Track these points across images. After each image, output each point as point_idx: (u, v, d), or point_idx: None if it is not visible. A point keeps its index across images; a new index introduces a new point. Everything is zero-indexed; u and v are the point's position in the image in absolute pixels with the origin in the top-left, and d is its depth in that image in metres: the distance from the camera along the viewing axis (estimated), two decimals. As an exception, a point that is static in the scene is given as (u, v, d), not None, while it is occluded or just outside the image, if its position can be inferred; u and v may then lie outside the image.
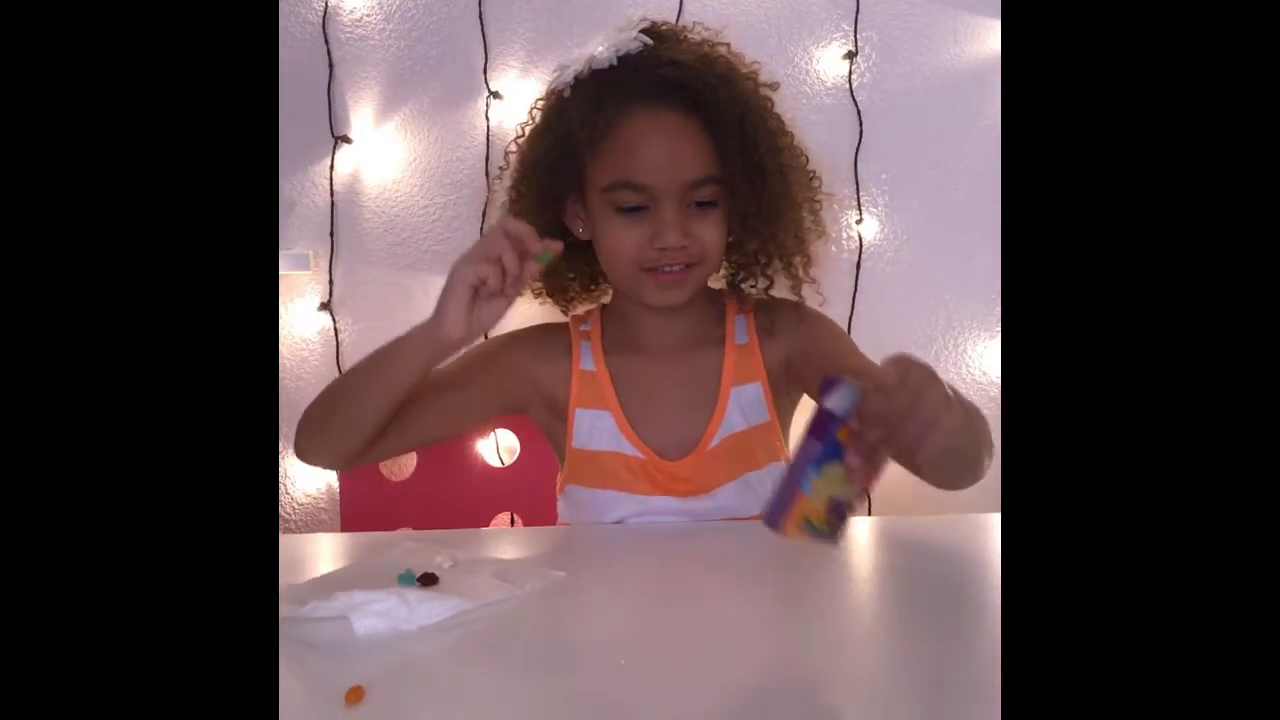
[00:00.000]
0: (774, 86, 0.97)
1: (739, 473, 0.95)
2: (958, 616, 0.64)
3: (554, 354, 1.00)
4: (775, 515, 0.60)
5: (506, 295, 0.79)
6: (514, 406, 1.00)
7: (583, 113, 0.90)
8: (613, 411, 0.95)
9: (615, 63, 0.90)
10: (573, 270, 1.01)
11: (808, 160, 0.99)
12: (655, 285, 0.92)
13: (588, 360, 0.99)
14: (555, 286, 1.02)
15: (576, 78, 0.92)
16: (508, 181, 1.00)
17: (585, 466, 0.95)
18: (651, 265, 0.91)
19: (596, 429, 0.95)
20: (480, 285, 0.77)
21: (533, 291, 1.03)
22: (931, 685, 0.53)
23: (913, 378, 0.58)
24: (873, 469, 0.59)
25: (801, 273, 0.98)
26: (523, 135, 0.99)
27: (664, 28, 0.95)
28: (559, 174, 0.93)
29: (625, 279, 0.94)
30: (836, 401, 0.58)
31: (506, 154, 1.01)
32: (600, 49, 0.91)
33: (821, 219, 1.00)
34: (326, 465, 0.94)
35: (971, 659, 0.56)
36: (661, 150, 0.88)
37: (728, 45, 0.96)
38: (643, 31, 0.91)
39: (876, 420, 0.58)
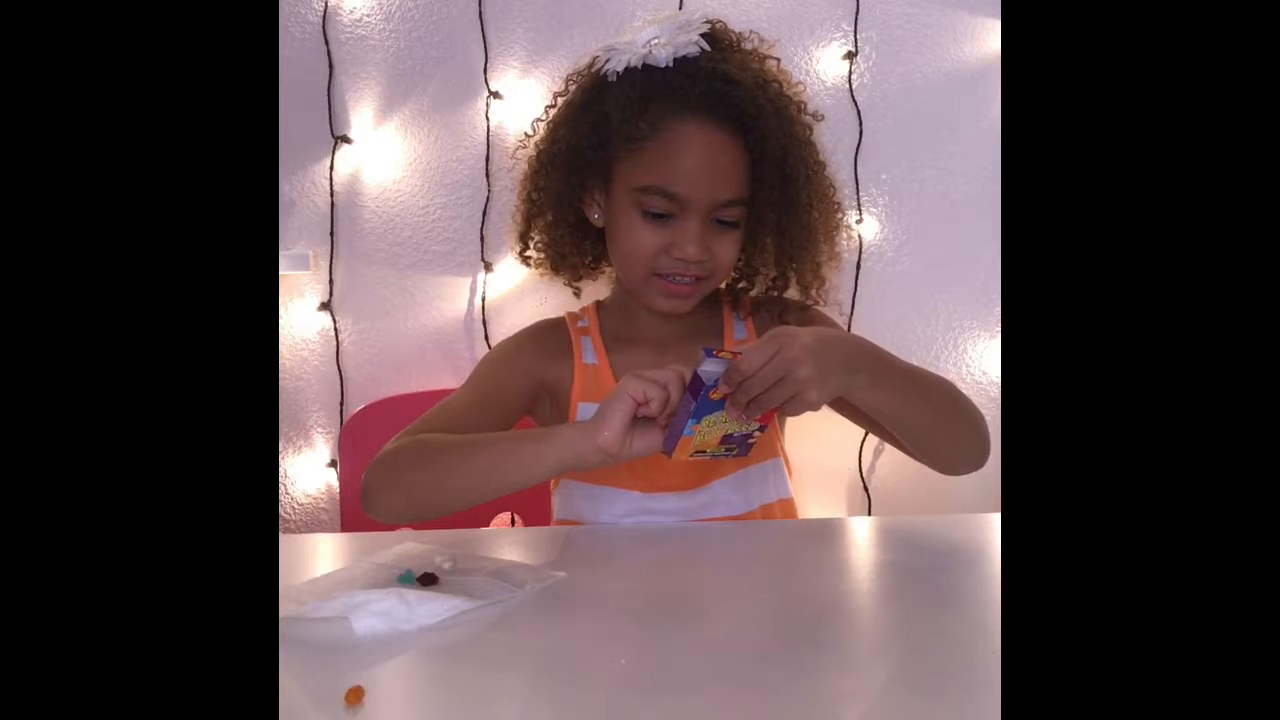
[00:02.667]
0: (818, 118, 0.98)
1: (735, 468, 0.96)
2: (958, 616, 0.64)
3: (556, 350, 1.00)
4: (668, 448, 0.78)
5: (660, 428, 0.78)
6: (527, 408, 1.00)
7: (627, 106, 0.88)
8: None
9: (671, 64, 0.88)
10: (580, 250, 1.01)
11: (835, 191, 1.00)
12: (663, 292, 0.93)
13: (589, 354, 0.99)
14: (561, 263, 1.02)
15: (627, 67, 0.90)
16: (532, 150, 1.00)
17: None
18: (664, 272, 0.91)
19: None
20: (643, 404, 0.76)
21: (535, 264, 1.04)
22: (931, 685, 0.53)
23: (783, 353, 0.72)
24: (753, 416, 0.76)
25: (815, 294, 0.99)
26: (555, 105, 0.98)
27: (720, 29, 0.94)
28: (588, 158, 0.92)
29: (635, 280, 0.94)
30: (705, 371, 0.73)
31: (535, 122, 1.01)
32: (656, 41, 0.89)
33: (839, 248, 1.01)
34: (393, 520, 0.88)
35: (971, 659, 0.56)
36: (702, 164, 0.88)
37: (778, 61, 0.97)
38: (701, 35, 0.90)
39: (743, 388, 0.73)
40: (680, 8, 1.29)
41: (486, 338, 1.34)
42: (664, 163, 0.88)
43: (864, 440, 1.30)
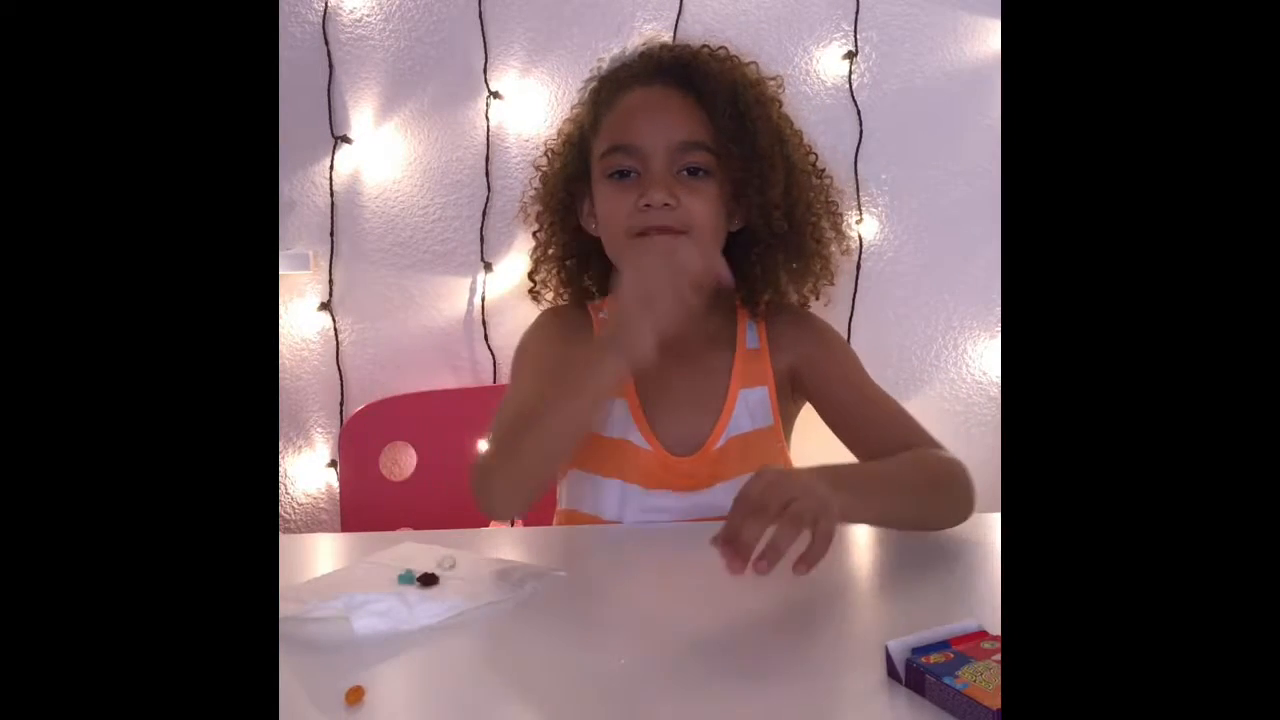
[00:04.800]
0: (779, 82, 1.00)
1: (740, 472, 0.95)
2: (958, 616, 0.64)
3: (582, 339, 0.99)
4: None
5: None
6: None
7: (591, 102, 0.97)
8: (628, 399, 0.95)
9: (622, 58, 0.98)
10: (590, 271, 1.02)
11: (817, 157, 1.00)
12: None
13: None
14: (576, 289, 1.04)
15: (592, 76, 1.00)
16: (534, 190, 1.06)
17: (592, 450, 0.95)
18: (641, 229, 0.91)
19: (611, 414, 0.95)
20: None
21: (556, 294, 1.05)
22: (931, 685, 0.53)
23: (769, 485, 0.67)
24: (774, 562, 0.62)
25: (818, 279, 0.99)
26: (551, 148, 1.05)
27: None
28: (573, 170, 0.98)
29: (622, 252, 0.94)
30: (899, 657, 0.56)
31: (541, 160, 1.06)
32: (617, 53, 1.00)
33: (843, 228, 1.02)
34: (517, 507, 0.87)
35: (971, 659, 0.56)
36: (651, 114, 0.92)
37: (756, 64, 1.01)
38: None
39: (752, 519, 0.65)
40: (680, 9, 1.29)
41: (486, 338, 1.34)
42: (618, 124, 0.93)
43: (864, 440, 1.30)
